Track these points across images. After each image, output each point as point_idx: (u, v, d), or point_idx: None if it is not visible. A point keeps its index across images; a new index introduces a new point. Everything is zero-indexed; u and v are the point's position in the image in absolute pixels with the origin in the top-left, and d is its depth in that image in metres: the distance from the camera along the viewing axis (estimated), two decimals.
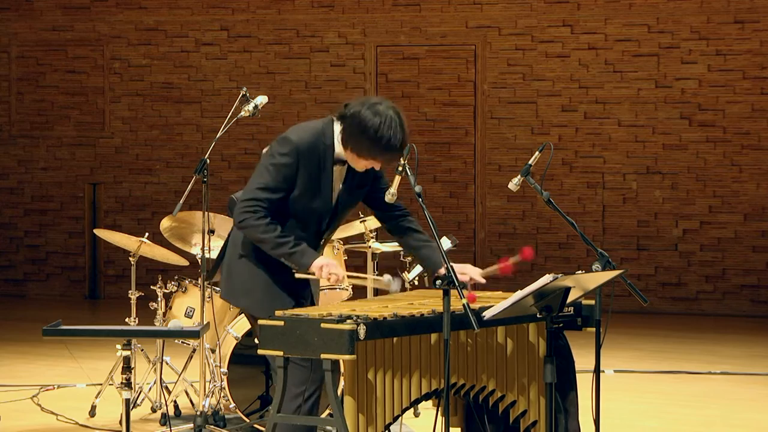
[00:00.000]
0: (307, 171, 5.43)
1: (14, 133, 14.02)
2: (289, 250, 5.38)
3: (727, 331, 11.68)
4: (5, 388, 8.71)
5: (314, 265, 5.37)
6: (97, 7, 13.81)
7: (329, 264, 5.38)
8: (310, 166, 5.43)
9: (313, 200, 5.47)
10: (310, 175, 5.43)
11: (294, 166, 5.40)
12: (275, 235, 5.37)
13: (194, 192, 7.85)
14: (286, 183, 5.41)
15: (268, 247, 5.39)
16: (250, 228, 5.40)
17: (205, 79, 13.62)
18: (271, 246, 5.38)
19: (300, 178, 5.42)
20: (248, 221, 5.40)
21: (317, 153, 5.44)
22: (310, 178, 5.44)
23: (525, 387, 5.50)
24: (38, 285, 13.98)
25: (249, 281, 5.51)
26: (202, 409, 7.22)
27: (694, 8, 12.66)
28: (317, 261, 5.38)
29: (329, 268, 5.37)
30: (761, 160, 12.58)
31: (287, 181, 5.41)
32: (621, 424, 7.76)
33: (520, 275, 12.73)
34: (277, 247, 5.38)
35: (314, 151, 5.44)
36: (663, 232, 12.80)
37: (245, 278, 5.51)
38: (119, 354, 5.38)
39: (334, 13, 13.35)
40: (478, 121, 13.11)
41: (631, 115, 12.82)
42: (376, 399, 4.96)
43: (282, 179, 5.41)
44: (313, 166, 5.43)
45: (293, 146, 5.41)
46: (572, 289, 5.21)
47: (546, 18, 12.93)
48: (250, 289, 5.52)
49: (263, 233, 5.38)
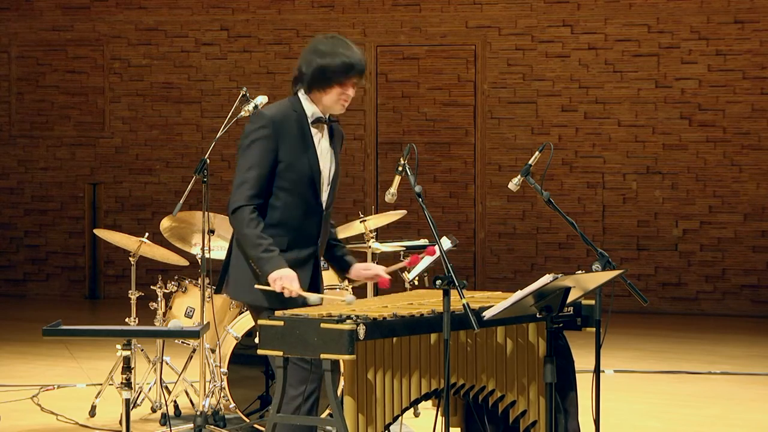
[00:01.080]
0: (287, 140, 5.40)
1: (14, 133, 14.02)
2: (259, 253, 5.31)
3: (727, 331, 11.69)
4: (5, 388, 8.71)
5: (271, 275, 5.29)
6: (97, 7, 13.81)
7: (285, 277, 5.28)
8: (288, 135, 5.41)
9: (301, 168, 5.42)
10: (291, 144, 5.40)
11: (273, 138, 5.38)
12: (256, 233, 5.32)
13: (194, 192, 7.86)
14: (269, 158, 5.38)
15: (246, 242, 5.35)
16: (239, 220, 5.35)
17: (205, 79, 13.62)
18: (248, 244, 5.34)
19: (282, 149, 5.39)
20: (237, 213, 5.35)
21: (291, 121, 5.43)
22: (293, 147, 5.41)
23: (525, 387, 5.50)
24: (38, 285, 13.98)
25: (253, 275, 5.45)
26: (202, 409, 7.22)
27: (694, 8, 12.66)
28: (276, 272, 5.29)
29: (283, 281, 5.29)
30: (761, 160, 12.59)
31: (270, 155, 5.38)
32: (621, 424, 7.76)
33: (520, 275, 12.84)
34: (252, 247, 5.32)
35: (288, 120, 5.42)
36: (663, 232, 12.80)
37: (249, 272, 5.46)
38: (119, 354, 5.37)
39: (334, 13, 13.35)
40: (478, 121, 13.11)
41: (631, 115, 12.82)
42: (376, 399, 4.96)
43: (265, 153, 5.37)
44: (291, 135, 5.41)
45: (267, 119, 5.40)
46: (572, 289, 5.21)
47: (546, 18, 12.93)
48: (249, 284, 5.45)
49: (246, 227, 5.33)
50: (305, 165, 5.44)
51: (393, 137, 13.18)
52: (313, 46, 5.50)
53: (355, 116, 13.29)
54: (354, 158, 13.29)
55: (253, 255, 5.34)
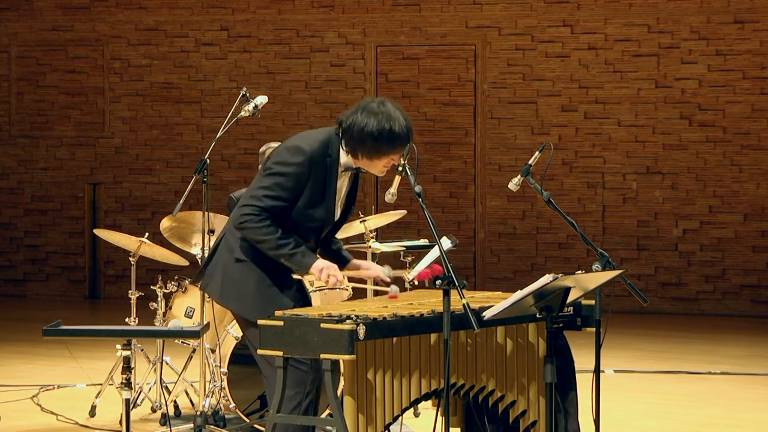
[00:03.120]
0: (315, 181, 5.40)
1: (14, 133, 14.02)
2: (289, 251, 5.36)
3: (727, 331, 11.69)
4: (5, 388, 8.71)
5: (314, 266, 5.36)
6: (97, 7, 13.81)
7: (329, 266, 5.38)
8: (318, 176, 5.40)
9: (316, 211, 5.45)
10: (316, 186, 5.41)
11: (305, 175, 5.37)
12: (276, 236, 5.35)
13: (194, 192, 7.86)
14: (293, 193, 5.38)
15: (269, 247, 5.37)
16: (251, 230, 5.37)
17: (205, 79, 13.62)
18: (271, 246, 5.36)
19: (308, 188, 5.39)
20: (248, 223, 5.37)
21: (325, 164, 5.42)
22: (317, 189, 5.41)
23: (525, 387, 5.50)
24: (38, 285, 13.98)
25: (244, 286, 5.47)
26: (202, 409, 7.22)
27: (694, 8, 12.66)
28: (317, 263, 5.37)
29: (329, 270, 5.37)
30: (761, 160, 12.58)
31: (295, 190, 5.38)
32: (621, 424, 7.76)
33: (520, 275, 12.84)
34: (278, 248, 5.36)
35: (323, 162, 5.42)
36: (663, 232, 12.80)
37: (240, 282, 5.47)
38: (119, 354, 5.37)
39: (334, 13, 13.35)
40: (478, 121, 13.11)
41: (631, 115, 12.82)
42: (376, 399, 4.96)
43: (291, 188, 5.37)
44: (320, 177, 5.41)
45: (307, 156, 5.37)
46: (572, 289, 5.21)
47: (546, 18, 12.93)
48: (245, 294, 5.48)
49: (264, 234, 5.35)
50: (320, 214, 5.47)
51: None
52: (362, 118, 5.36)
53: None
54: None
55: (283, 253, 5.35)
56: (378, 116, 5.36)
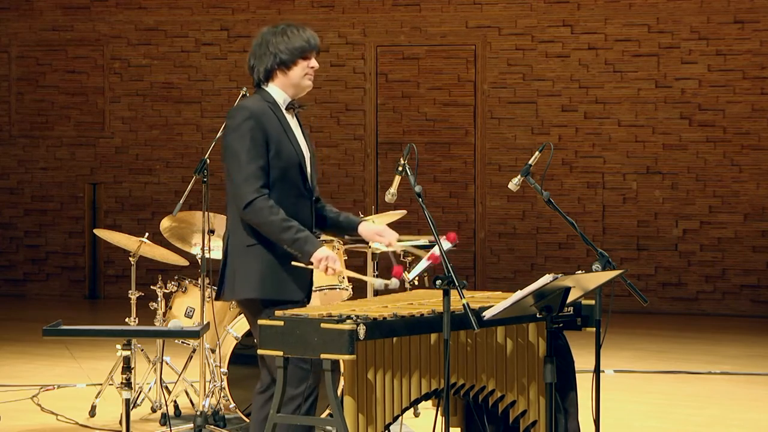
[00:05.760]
0: (271, 129, 5.42)
1: (14, 133, 14.02)
2: (294, 235, 5.31)
3: (727, 331, 11.69)
4: (5, 388, 8.71)
5: (315, 255, 5.30)
6: (97, 7, 13.81)
7: (330, 257, 5.32)
8: (269, 124, 5.42)
9: (288, 154, 5.43)
10: (274, 132, 5.42)
11: (259, 127, 5.39)
12: (281, 218, 5.31)
13: (194, 192, 7.86)
14: (263, 144, 5.39)
15: (274, 229, 5.31)
16: (258, 211, 5.31)
17: (205, 79, 13.62)
18: (276, 229, 5.30)
19: (269, 138, 5.41)
20: (256, 203, 5.31)
21: (267, 112, 5.45)
22: (276, 135, 5.42)
23: (525, 387, 5.50)
24: (38, 285, 13.98)
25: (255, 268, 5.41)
26: (202, 409, 7.22)
27: (694, 8, 12.66)
28: (318, 252, 5.31)
29: (328, 261, 5.32)
30: (761, 160, 12.59)
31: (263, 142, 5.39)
32: (621, 424, 7.76)
33: (520, 275, 12.84)
34: (282, 231, 5.30)
35: (265, 111, 5.44)
36: (663, 232, 12.80)
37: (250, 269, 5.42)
38: (119, 354, 5.37)
39: (334, 13, 13.35)
40: (478, 121, 13.11)
41: (631, 115, 12.82)
42: (376, 399, 4.96)
43: (258, 142, 5.38)
44: (272, 123, 5.43)
45: (247, 110, 5.42)
46: (572, 289, 5.21)
47: (546, 18, 12.93)
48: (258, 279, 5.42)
49: (269, 215, 5.29)
50: (291, 151, 5.45)
51: (393, 137, 13.18)
52: (261, 41, 5.55)
53: (355, 116, 13.30)
54: (354, 158, 13.30)
55: (286, 238, 5.31)
56: (274, 29, 5.54)
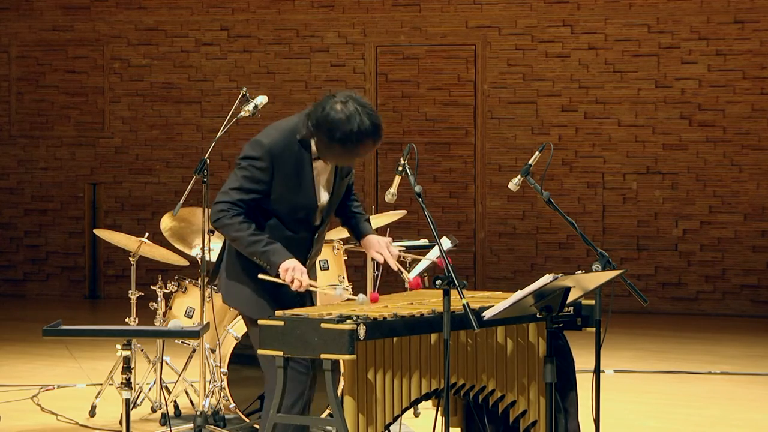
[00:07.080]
0: (283, 172, 5.36)
1: (14, 133, 14.02)
2: (261, 248, 5.31)
3: (727, 331, 11.68)
4: (5, 388, 8.71)
5: (282, 265, 5.29)
6: (97, 7, 13.81)
7: (296, 268, 5.30)
8: (285, 167, 5.36)
9: (295, 199, 5.41)
10: (287, 176, 5.37)
11: (268, 170, 5.34)
12: (248, 233, 5.32)
13: (194, 192, 7.85)
14: (263, 185, 5.35)
15: (242, 245, 5.35)
16: (225, 227, 5.36)
17: (205, 79, 13.62)
18: (244, 244, 5.34)
19: (276, 181, 5.36)
20: (222, 220, 5.36)
21: (292, 152, 5.38)
22: (288, 179, 5.37)
23: (525, 387, 5.50)
24: (38, 285, 13.98)
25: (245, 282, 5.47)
26: (202, 409, 7.22)
27: (694, 8, 12.66)
28: (285, 263, 5.30)
29: (295, 272, 5.30)
30: (761, 160, 12.58)
31: (263, 182, 5.35)
32: (621, 424, 7.76)
33: (520, 275, 12.83)
34: (250, 245, 5.32)
35: (288, 151, 5.37)
36: (663, 232, 12.79)
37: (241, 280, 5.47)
38: (119, 354, 5.37)
39: (334, 13, 13.35)
40: (478, 121, 13.11)
41: (631, 115, 12.82)
42: (376, 399, 4.96)
43: (258, 181, 5.35)
44: (288, 167, 5.37)
45: (265, 149, 5.35)
46: (572, 289, 5.21)
47: (546, 18, 12.93)
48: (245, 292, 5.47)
49: (236, 231, 5.33)
50: (299, 201, 5.42)
51: (393, 137, 13.17)
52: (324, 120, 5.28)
53: None
54: None
55: (254, 251, 5.33)
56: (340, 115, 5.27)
